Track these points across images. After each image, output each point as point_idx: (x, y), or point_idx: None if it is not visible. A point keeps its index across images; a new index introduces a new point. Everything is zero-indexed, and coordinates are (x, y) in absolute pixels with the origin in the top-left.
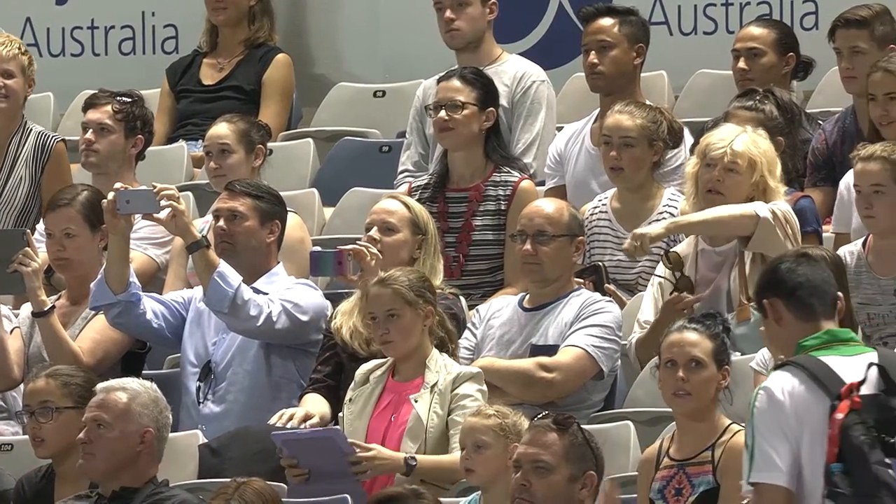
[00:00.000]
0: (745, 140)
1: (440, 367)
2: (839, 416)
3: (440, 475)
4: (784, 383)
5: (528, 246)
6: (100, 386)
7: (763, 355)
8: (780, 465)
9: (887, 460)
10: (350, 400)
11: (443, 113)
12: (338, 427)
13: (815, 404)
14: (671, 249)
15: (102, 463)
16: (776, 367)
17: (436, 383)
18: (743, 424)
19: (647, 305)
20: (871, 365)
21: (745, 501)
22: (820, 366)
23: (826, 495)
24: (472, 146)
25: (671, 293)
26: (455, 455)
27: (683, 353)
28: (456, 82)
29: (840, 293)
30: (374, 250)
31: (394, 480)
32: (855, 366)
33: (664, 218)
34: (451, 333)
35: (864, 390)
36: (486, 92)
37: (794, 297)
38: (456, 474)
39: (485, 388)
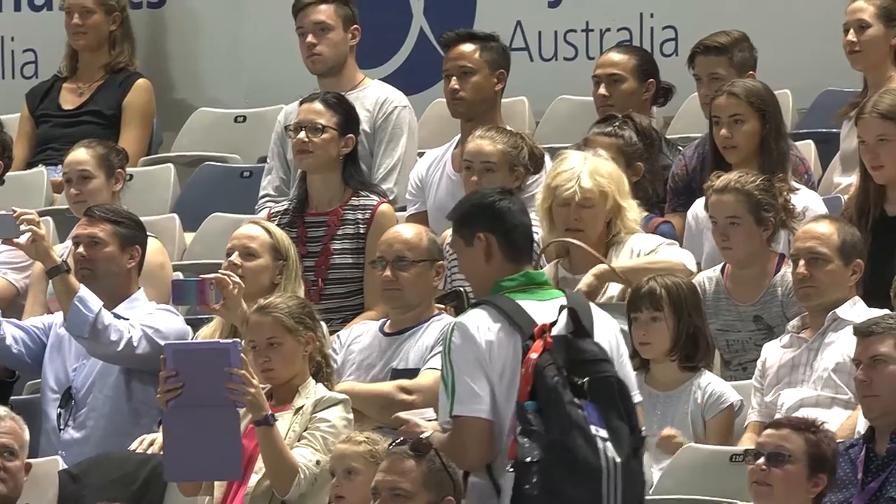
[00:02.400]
0: (589, 171)
1: (311, 392)
2: (533, 355)
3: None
4: (479, 321)
5: (387, 272)
6: None
7: None
8: (482, 397)
9: (577, 401)
10: None
11: (302, 134)
12: (237, 340)
13: (508, 342)
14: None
15: None
16: (473, 305)
17: (301, 406)
18: None
19: None
20: (562, 307)
21: (439, 433)
22: (514, 306)
23: (520, 432)
24: (330, 170)
25: None
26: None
27: None
28: (318, 105)
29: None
30: (237, 279)
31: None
32: (548, 309)
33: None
34: (327, 358)
35: (555, 331)
36: (347, 118)
37: (510, 238)
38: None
39: (351, 416)
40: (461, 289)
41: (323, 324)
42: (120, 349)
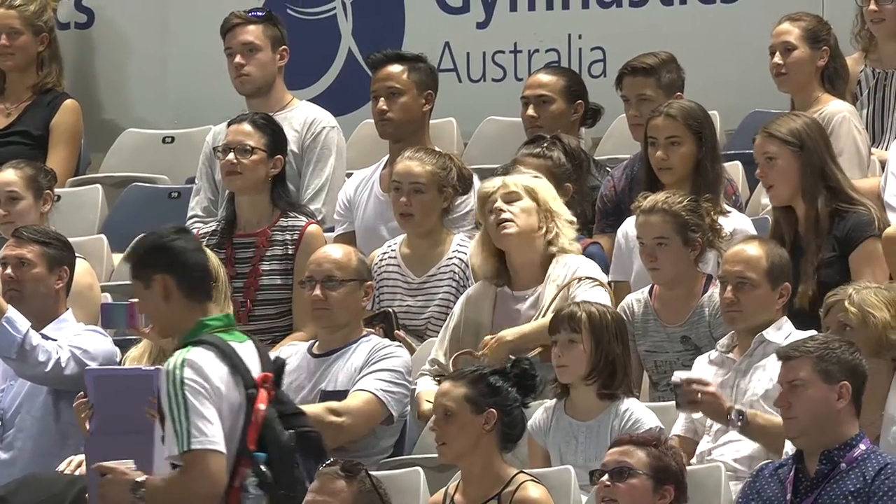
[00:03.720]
0: (516, 175)
1: None
2: (261, 406)
3: None
4: (206, 359)
5: (317, 291)
6: None
7: None
8: (217, 432)
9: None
10: None
11: (231, 156)
12: (159, 367)
13: (235, 386)
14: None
15: None
16: (189, 343)
17: None
18: (527, 472)
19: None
20: (267, 356)
21: (156, 477)
22: (231, 349)
23: (256, 483)
24: (259, 191)
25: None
26: None
27: (439, 406)
28: (246, 126)
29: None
30: None
31: None
32: (247, 352)
33: (454, 264)
34: None
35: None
36: (276, 139)
37: (187, 277)
38: None
39: None
40: (390, 310)
41: None
42: (48, 370)
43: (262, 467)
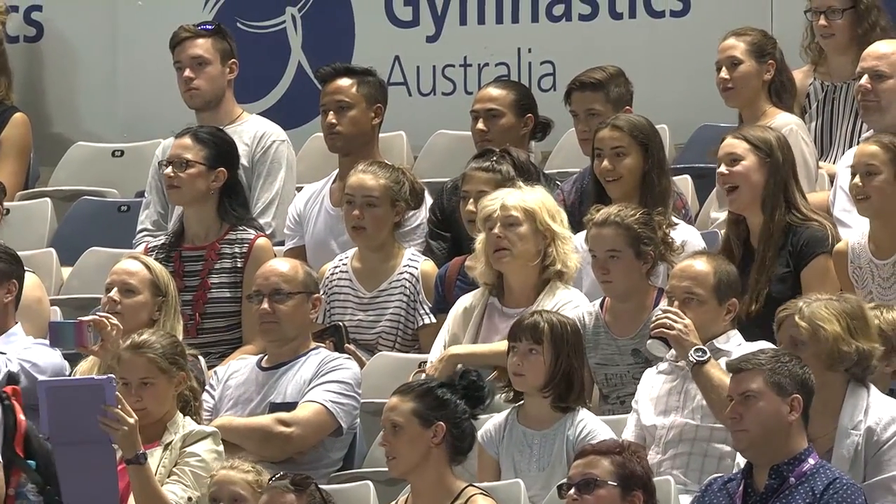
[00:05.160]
0: (517, 194)
1: (179, 427)
2: (21, 417)
3: (151, 487)
4: None
5: (265, 305)
6: None
7: None
8: None
9: None
10: None
11: (169, 169)
12: (112, 376)
13: None
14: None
15: None
16: None
17: (170, 442)
18: (477, 486)
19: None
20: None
21: None
22: None
23: (36, 490)
24: (203, 205)
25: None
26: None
27: (387, 420)
28: (187, 140)
29: None
30: (115, 320)
31: None
32: None
33: (405, 278)
34: (195, 392)
35: None
36: (217, 152)
37: None
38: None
39: (221, 448)
40: (340, 323)
41: (201, 358)
42: None
43: (36, 473)
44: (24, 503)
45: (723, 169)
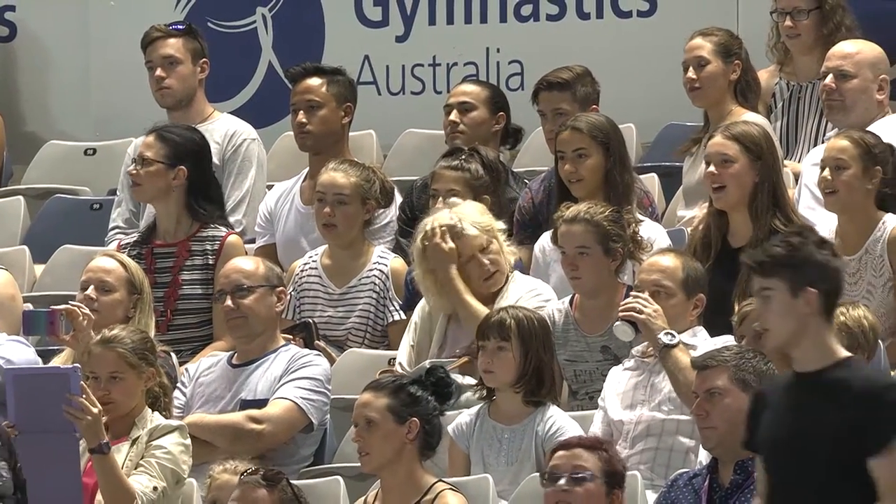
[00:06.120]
0: (472, 218)
1: (147, 422)
2: None
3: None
4: None
5: (228, 302)
6: None
7: None
8: None
9: None
10: None
11: (132, 167)
12: (77, 366)
13: None
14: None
15: None
16: None
17: (138, 437)
18: (446, 480)
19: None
20: None
21: None
22: None
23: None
24: (166, 202)
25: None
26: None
27: (360, 416)
28: (151, 138)
29: None
30: (87, 310)
31: None
32: None
33: (374, 275)
34: (165, 388)
35: None
36: (179, 150)
37: None
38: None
39: (188, 441)
40: (309, 320)
41: (173, 354)
42: None
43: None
44: None
45: (712, 168)
